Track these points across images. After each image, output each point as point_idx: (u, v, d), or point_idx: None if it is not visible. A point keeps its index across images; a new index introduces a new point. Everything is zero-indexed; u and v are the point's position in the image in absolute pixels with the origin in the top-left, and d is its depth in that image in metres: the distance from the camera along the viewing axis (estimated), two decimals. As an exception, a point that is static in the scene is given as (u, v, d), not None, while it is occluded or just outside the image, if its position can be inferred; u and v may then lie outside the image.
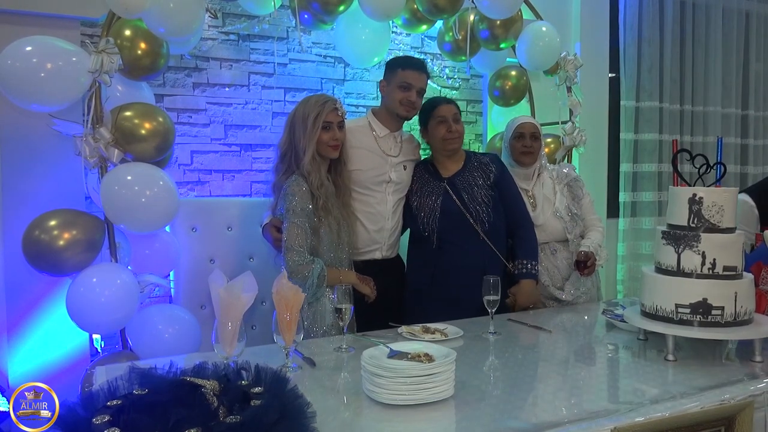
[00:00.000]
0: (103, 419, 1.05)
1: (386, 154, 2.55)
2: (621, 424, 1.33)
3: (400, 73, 2.51)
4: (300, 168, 2.22)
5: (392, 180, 2.55)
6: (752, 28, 4.60)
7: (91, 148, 2.18)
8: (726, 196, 1.77)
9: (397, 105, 2.52)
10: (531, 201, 2.68)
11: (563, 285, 2.65)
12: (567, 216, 2.67)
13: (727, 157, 4.43)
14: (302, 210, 2.15)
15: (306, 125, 2.22)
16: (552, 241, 2.67)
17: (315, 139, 2.21)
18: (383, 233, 2.53)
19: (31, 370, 2.50)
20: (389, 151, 2.56)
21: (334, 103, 2.27)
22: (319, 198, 2.19)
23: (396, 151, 2.59)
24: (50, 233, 2.14)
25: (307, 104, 2.27)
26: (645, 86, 4.17)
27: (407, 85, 2.50)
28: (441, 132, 2.51)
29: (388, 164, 2.55)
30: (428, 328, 2.05)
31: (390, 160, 2.55)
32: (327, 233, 2.21)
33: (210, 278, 1.55)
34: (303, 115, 2.24)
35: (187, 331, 2.36)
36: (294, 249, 2.11)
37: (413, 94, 2.52)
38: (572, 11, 3.89)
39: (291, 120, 2.29)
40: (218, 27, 2.95)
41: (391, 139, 2.59)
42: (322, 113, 2.22)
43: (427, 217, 2.50)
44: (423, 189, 2.56)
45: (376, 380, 1.40)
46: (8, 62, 2.03)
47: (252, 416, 1.06)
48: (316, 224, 2.19)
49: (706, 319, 1.71)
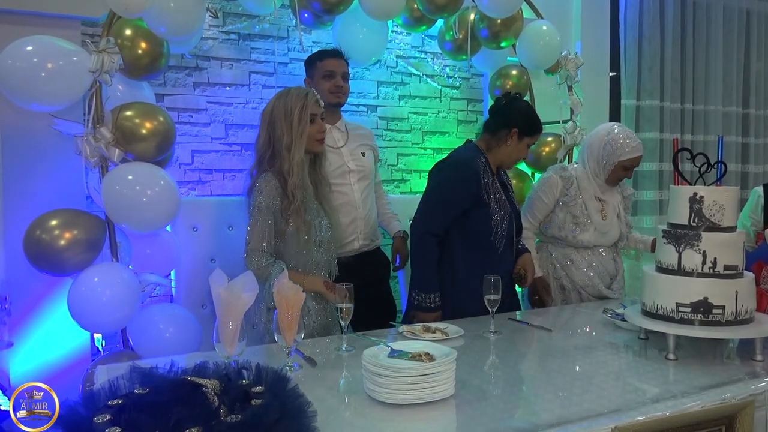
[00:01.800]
0: (105, 418, 1.05)
1: (334, 147, 2.58)
2: (622, 423, 1.33)
3: (319, 65, 2.59)
4: (278, 166, 2.11)
5: (352, 169, 2.58)
6: (753, 26, 4.60)
7: (91, 147, 2.18)
8: (727, 195, 1.77)
9: (327, 95, 2.54)
10: (602, 210, 2.67)
11: (611, 284, 2.73)
12: (625, 225, 2.78)
13: (727, 156, 4.43)
14: (267, 207, 2.07)
15: (291, 120, 2.10)
16: (604, 245, 2.72)
17: (305, 134, 2.11)
18: (357, 222, 2.56)
19: (33, 370, 2.51)
20: (336, 143, 2.61)
21: (315, 95, 2.18)
22: (295, 198, 2.08)
23: (342, 141, 2.63)
24: (51, 233, 2.14)
25: (288, 98, 2.14)
26: (646, 85, 4.17)
27: (330, 73, 2.58)
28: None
29: (341, 155, 2.59)
30: (429, 327, 2.05)
31: (341, 151, 2.59)
32: (294, 235, 2.10)
33: (211, 278, 1.55)
34: (285, 109, 2.11)
35: (187, 330, 2.36)
36: (257, 250, 2.07)
37: (339, 80, 2.59)
38: (573, 10, 3.89)
39: (269, 117, 2.15)
40: (219, 26, 2.95)
41: (334, 131, 2.63)
42: (307, 105, 2.12)
43: (501, 221, 2.37)
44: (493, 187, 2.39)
45: (376, 379, 1.40)
46: (9, 62, 2.03)
47: (253, 415, 1.06)
48: (282, 225, 2.10)
49: (707, 318, 1.71)
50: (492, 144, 2.44)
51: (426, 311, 2.30)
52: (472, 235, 2.35)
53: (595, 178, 2.68)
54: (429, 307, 2.30)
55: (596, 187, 2.69)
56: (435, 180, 2.44)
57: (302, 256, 2.15)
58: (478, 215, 2.34)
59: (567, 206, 2.67)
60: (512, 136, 2.40)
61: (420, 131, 3.48)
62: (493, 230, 2.36)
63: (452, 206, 2.33)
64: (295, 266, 2.14)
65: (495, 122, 2.45)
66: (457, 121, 3.63)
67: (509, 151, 2.42)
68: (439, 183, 2.41)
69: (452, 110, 3.60)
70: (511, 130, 2.39)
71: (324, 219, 2.22)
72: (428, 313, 2.29)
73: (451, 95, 3.59)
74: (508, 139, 2.40)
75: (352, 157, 2.60)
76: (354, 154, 2.61)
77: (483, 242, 2.36)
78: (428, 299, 2.30)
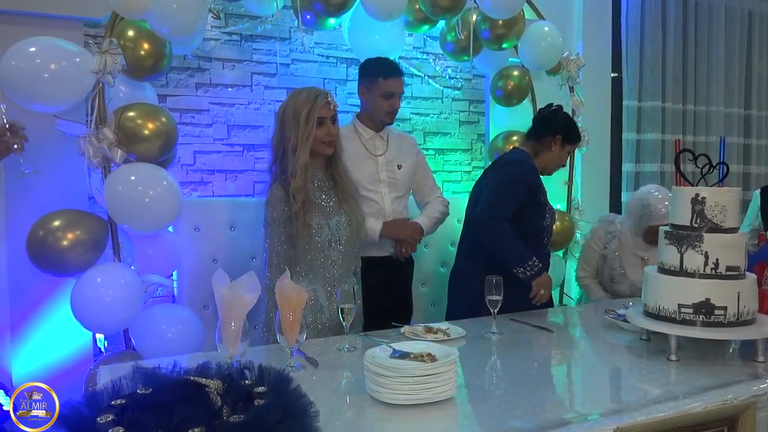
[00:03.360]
0: (107, 418, 1.05)
1: (373, 154, 2.61)
2: (623, 424, 1.33)
3: (381, 83, 2.55)
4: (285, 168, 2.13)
5: (383, 179, 2.59)
6: (755, 27, 4.59)
7: (94, 148, 2.19)
8: (729, 196, 1.77)
9: (383, 114, 2.59)
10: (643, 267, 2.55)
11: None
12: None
13: (729, 157, 4.42)
14: (276, 220, 2.12)
15: (298, 122, 2.11)
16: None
17: (311, 137, 2.12)
18: None
19: (35, 370, 2.51)
20: (375, 151, 2.62)
21: (326, 97, 2.16)
22: (296, 201, 2.09)
23: (382, 149, 2.63)
24: (54, 233, 2.15)
25: (297, 99, 2.15)
26: (647, 86, 4.17)
27: (390, 94, 2.56)
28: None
29: (377, 164, 2.60)
30: (431, 328, 2.05)
31: (378, 159, 2.60)
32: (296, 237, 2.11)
33: (213, 278, 1.55)
34: (294, 110, 2.13)
35: (190, 330, 2.36)
36: (274, 266, 2.11)
37: (396, 101, 2.59)
38: (574, 11, 3.88)
39: (281, 116, 2.18)
40: (221, 27, 2.95)
41: (377, 139, 2.64)
42: (315, 108, 2.12)
43: (551, 221, 2.55)
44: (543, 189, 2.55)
45: (378, 380, 1.40)
46: (12, 63, 2.03)
47: (255, 415, 1.06)
48: (292, 230, 2.12)
49: (709, 319, 1.71)
50: (537, 150, 2.57)
51: (537, 276, 2.33)
52: (526, 232, 2.41)
53: (634, 237, 2.84)
54: (536, 272, 2.33)
55: (639, 243, 2.84)
56: (494, 176, 2.52)
57: (310, 254, 2.16)
58: (534, 213, 2.46)
59: (606, 259, 2.92)
60: (556, 142, 2.55)
61: (422, 132, 3.48)
62: (545, 229, 2.52)
63: (514, 199, 2.39)
64: (305, 267, 2.16)
65: (539, 130, 2.59)
66: (458, 122, 3.63)
67: (553, 157, 2.57)
68: (500, 178, 2.47)
69: (454, 111, 3.60)
70: (555, 136, 2.54)
71: (343, 216, 2.22)
72: (540, 277, 2.34)
73: (453, 96, 3.59)
74: (552, 144, 2.55)
75: (387, 167, 2.61)
76: (389, 165, 2.62)
77: (535, 239, 2.46)
78: (535, 265, 2.33)
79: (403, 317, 2.63)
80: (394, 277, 2.63)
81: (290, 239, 2.13)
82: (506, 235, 2.32)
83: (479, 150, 3.71)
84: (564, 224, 3.29)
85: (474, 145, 3.69)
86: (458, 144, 3.63)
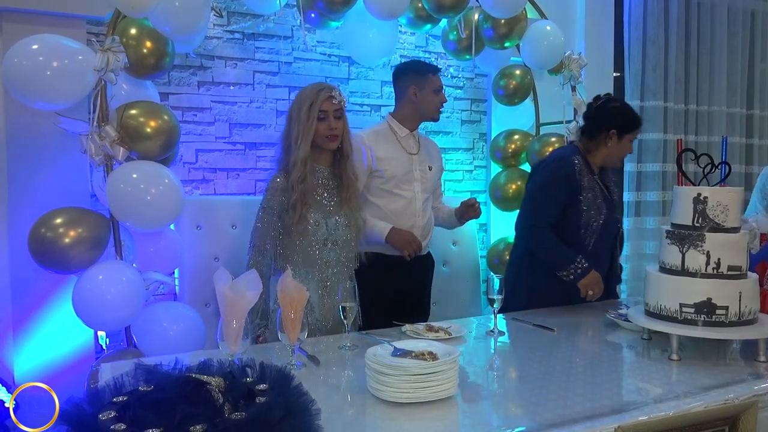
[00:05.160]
0: (109, 415, 1.06)
1: (409, 152, 2.62)
2: (625, 423, 1.33)
3: (432, 78, 2.60)
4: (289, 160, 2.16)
5: (417, 178, 2.61)
6: (757, 27, 4.58)
7: (96, 146, 2.19)
8: (731, 195, 1.77)
9: (434, 110, 2.62)
10: None
11: None
12: None
13: (731, 157, 4.41)
14: (271, 207, 2.15)
15: (300, 115, 2.14)
16: None
17: (312, 130, 2.13)
18: (416, 230, 2.57)
19: (37, 367, 2.51)
20: (411, 149, 2.64)
21: (330, 91, 2.16)
22: (294, 192, 2.11)
23: (416, 149, 2.66)
24: (56, 231, 2.15)
25: (302, 92, 2.20)
26: (649, 86, 4.16)
27: (440, 89, 2.62)
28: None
29: (412, 162, 2.62)
30: (432, 326, 2.05)
31: (413, 158, 2.62)
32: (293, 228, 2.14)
33: (215, 276, 1.55)
34: (298, 104, 2.17)
35: (191, 328, 2.36)
36: (258, 247, 2.16)
37: (444, 97, 2.65)
38: (577, 10, 3.88)
39: (289, 111, 2.23)
40: (223, 26, 2.95)
41: (411, 138, 2.66)
42: (317, 102, 2.13)
43: (592, 219, 2.44)
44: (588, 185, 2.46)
45: (380, 378, 1.41)
46: (15, 60, 2.03)
47: (257, 413, 1.06)
48: (288, 221, 2.14)
49: (711, 319, 1.71)
50: (590, 147, 2.51)
51: (584, 276, 2.37)
52: (563, 229, 2.43)
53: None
54: (581, 273, 2.37)
55: None
56: (534, 179, 2.56)
57: (304, 250, 2.18)
58: (571, 211, 2.43)
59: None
60: (611, 137, 2.47)
61: (424, 131, 3.47)
62: (583, 227, 2.43)
63: (554, 202, 2.42)
64: (301, 260, 2.17)
65: (591, 127, 2.52)
66: (460, 121, 3.63)
67: (611, 152, 2.50)
68: (538, 182, 2.51)
69: (456, 110, 3.60)
70: (609, 132, 2.46)
71: (341, 218, 2.23)
72: (589, 277, 2.37)
73: (455, 95, 3.59)
74: (608, 140, 2.47)
75: (420, 167, 2.64)
76: (422, 165, 2.65)
77: (573, 237, 2.42)
78: (578, 267, 2.36)
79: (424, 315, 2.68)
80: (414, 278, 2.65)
81: (287, 229, 2.16)
82: (547, 243, 2.41)
83: (481, 149, 3.72)
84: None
85: (476, 144, 3.69)
86: (460, 143, 3.63)
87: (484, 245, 3.72)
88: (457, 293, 3.32)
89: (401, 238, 2.45)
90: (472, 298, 3.42)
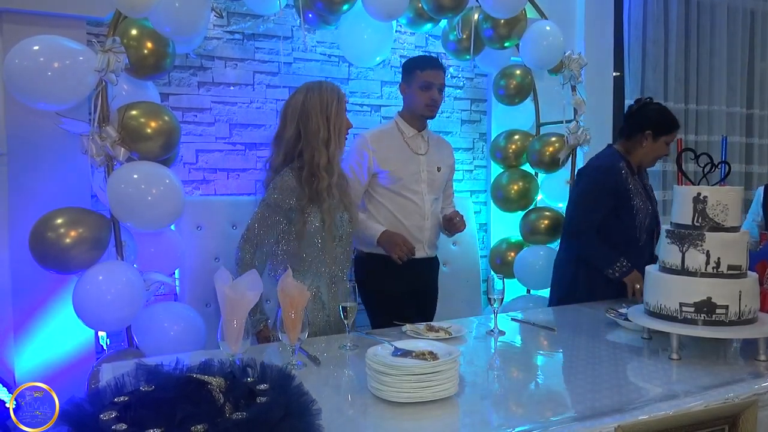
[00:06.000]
0: (110, 415, 1.06)
1: (416, 153, 2.60)
2: (625, 422, 1.33)
3: (419, 75, 2.53)
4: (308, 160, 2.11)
5: (424, 180, 2.59)
6: (757, 26, 4.59)
7: (97, 146, 2.19)
8: (731, 195, 1.77)
9: (422, 107, 2.56)
10: None
11: None
12: None
13: (731, 156, 4.42)
14: (278, 206, 2.12)
15: (327, 114, 2.12)
16: None
17: (344, 129, 2.18)
18: (424, 232, 2.58)
19: (38, 367, 2.52)
20: (418, 150, 2.62)
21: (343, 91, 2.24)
22: (329, 196, 2.11)
23: (424, 149, 2.63)
24: (57, 231, 2.15)
25: (321, 91, 2.16)
26: (649, 85, 4.16)
27: (428, 85, 2.53)
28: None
29: (419, 163, 2.60)
30: (432, 326, 2.05)
31: (420, 158, 2.60)
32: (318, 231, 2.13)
33: (215, 276, 1.56)
34: (322, 103, 2.13)
35: (192, 328, 2.37)
36: (251, 239, 2.13)
37: (435, 93, 2.55)
38: (577, 10, 3.88)
39: (300, 110, 2.15)
40: (223, 26, 2.95)
41: (419, 138, 2.64)
42: (341, 100, 2.18)
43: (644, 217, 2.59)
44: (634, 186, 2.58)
45: (380, 378, 1.41)
46: (16, 61, 2.04)
47: (258, 413, 1.06)
48: (300, 225, 2.12)
49: (711, 318, 1.71)
50: (629, 147, 2.64)
51: (628, 273, 2.51)
52: (619, 230, 2.57)
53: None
54: (626, 270, 2.52)
55: None
56: (580, 185, 2.67)
57: (322, 252, 2.17)
58: (623, 213, 2.56)
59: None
60: (647, 138, 2.59)
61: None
62: (638, 227, 2.57)
63: (598, 208, 2.55)
64: (311, 259, 2.16)
65: (629, 128, 2.65)
66: (460, 121, 3.63)
67: (646, 152, 2.62)
68: (584, 187, 2.63)
69: (456, 110, 3.60)
70: (644, 132, 2.59)
71: (345, 213, 2.24)
72: (630, 275, 2.51)
73: (455, 95, 3.59)
74: (644, 141, 2.60)
75: (428, 168, 2.61)
76: (430, 166, 2.62)
77: (629, 235, 2.57)
78: (620, 267, 2.52)
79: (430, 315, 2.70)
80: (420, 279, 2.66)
81: (297, 228, 2.13)
82: (592, 247, 2.57)
83: (481, 149, 3.72)
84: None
85: (476, 144, 3.69)
86: (460, 143, 3.63)
87: (484, 245, 3.72)
88: (457, 293, 3.32)
89: (392, 241, 2.42)
90: (472, 298, 3.42)
